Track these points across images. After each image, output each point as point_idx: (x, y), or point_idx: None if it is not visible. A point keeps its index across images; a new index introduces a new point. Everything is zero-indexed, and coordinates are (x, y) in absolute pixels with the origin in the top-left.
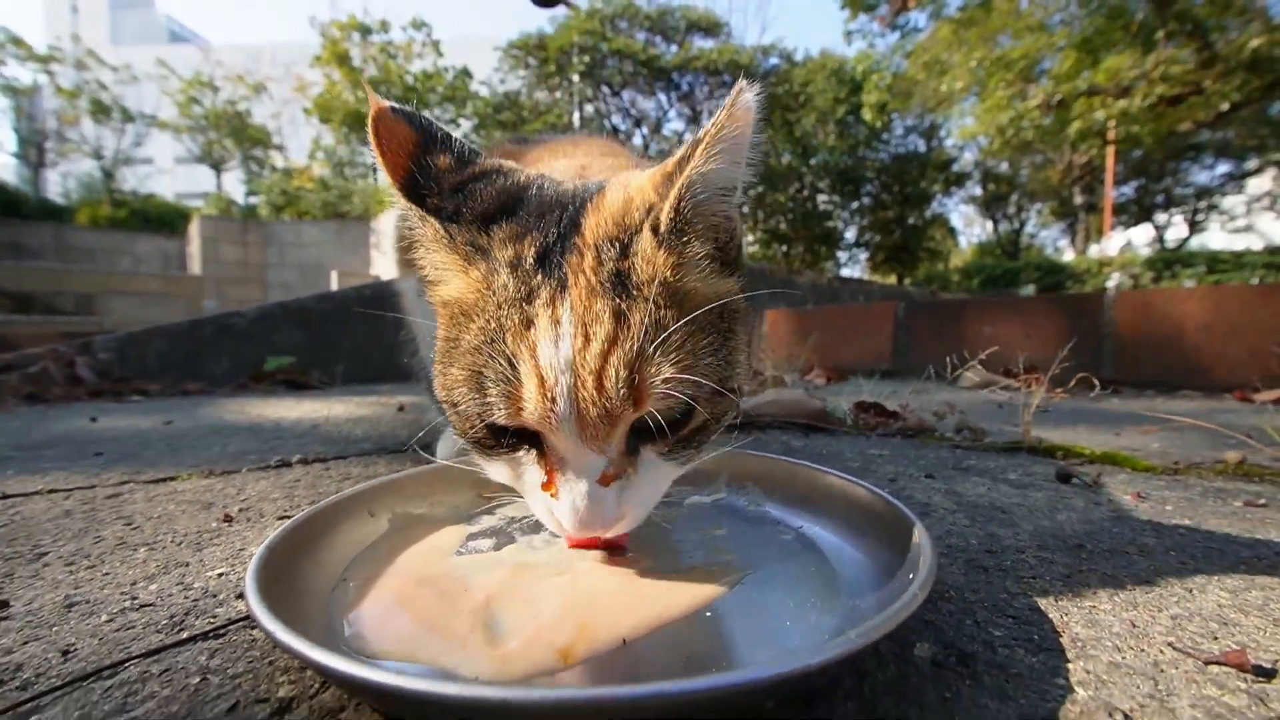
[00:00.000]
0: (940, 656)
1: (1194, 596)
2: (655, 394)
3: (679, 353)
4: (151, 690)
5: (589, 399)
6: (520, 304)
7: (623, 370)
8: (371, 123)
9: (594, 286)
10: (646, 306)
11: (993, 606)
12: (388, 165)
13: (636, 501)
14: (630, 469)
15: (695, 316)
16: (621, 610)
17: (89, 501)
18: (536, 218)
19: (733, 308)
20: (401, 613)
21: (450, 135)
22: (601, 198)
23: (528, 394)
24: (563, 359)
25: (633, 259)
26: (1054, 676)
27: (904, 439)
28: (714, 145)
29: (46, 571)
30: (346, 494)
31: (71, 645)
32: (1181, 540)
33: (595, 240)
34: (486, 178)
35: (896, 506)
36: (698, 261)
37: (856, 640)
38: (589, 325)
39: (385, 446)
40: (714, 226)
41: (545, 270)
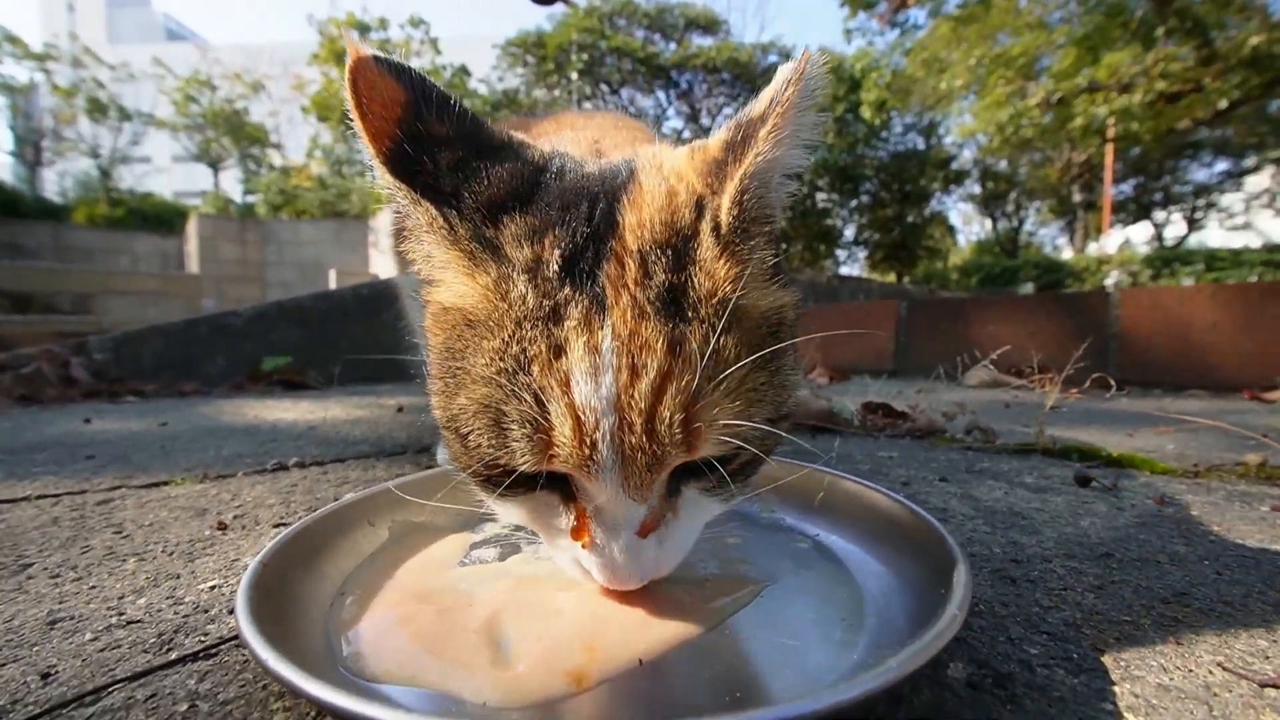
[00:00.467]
0: (976, 678)
1: (1235, 611)
2: (711, 440)
3: (740, 390)
4: (136, 718)
5: (636, 445)
6: (546, 325)
7: (678, 413)
8: (349, 75)
9: (641, 306)
10: (705, 332)
11: (1025, 622)
12: (369, 131)
13: (675, 549)
14: (670, 512)
15: (755, 339)
16: (634, 628)
17: (79, 508)
18: (559, 210)
19: (789, 320)
20: (402, 632)
21: (449, 96)
22: (638, 189)
23: (561, 439)
24: (604, 398)
25: (689, 270)
26: (1100, 700)
27: (913, 440)
28: (784, 126)
29: (30, 585)
30: (343, 502)
31: (53, 667)
32: (1213, 549)
33: (640, 245)
34: (495, 153)
35: (920, 515)
36: (761, 270)
37: (895, 670)
38: (636, 356)
39: (384, 449)
40: (773, 224)
41: (575, 282)
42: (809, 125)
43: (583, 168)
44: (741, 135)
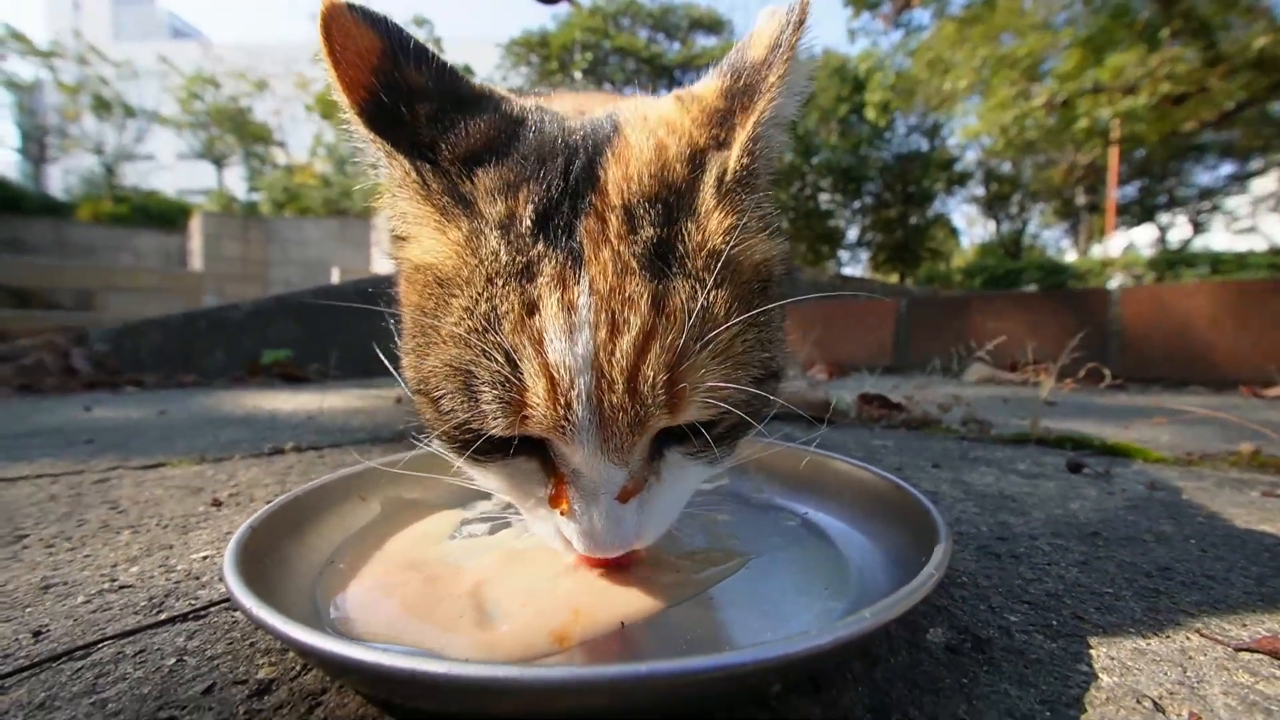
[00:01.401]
0: (954, 642)
1: (1217, 584)
2: (697, 402)
3: (728, 350)
4: (124, 671)
5: (616, 405)
6: (518, 281)
7: (662, 373)
8: (321, 23)
9: (624, 261)
10: (694, 287)
11: (1007, 592)
12: (343, 80)
13: (658, 516)
14: (653, 476)
15: (744, 294)
16: (619, 595)
17: (75, 486)
18: (535, 164)
19: (777, 275)
20: (389, 597)
21: (426, 47)
22: (623, 142)
23: (534, 399)
24: (580, 355)
25: (681, 223)
26: (1076, 663)
27: (908, 431)
28: (791, 68)
29: (25, 554)
30: (336, 476)
31: (44, 626)
32: (1200, 528)
33: (624, 200)
34: (473, 105)
35: (906, 489)
36: (759, 222)
37: (868, 620)
38: (618, 312)
39: (381, 436)
40: (770, 174)
41: (549, 237)
42: (806, 74)
43: (564, 122)
44: (744, 82)
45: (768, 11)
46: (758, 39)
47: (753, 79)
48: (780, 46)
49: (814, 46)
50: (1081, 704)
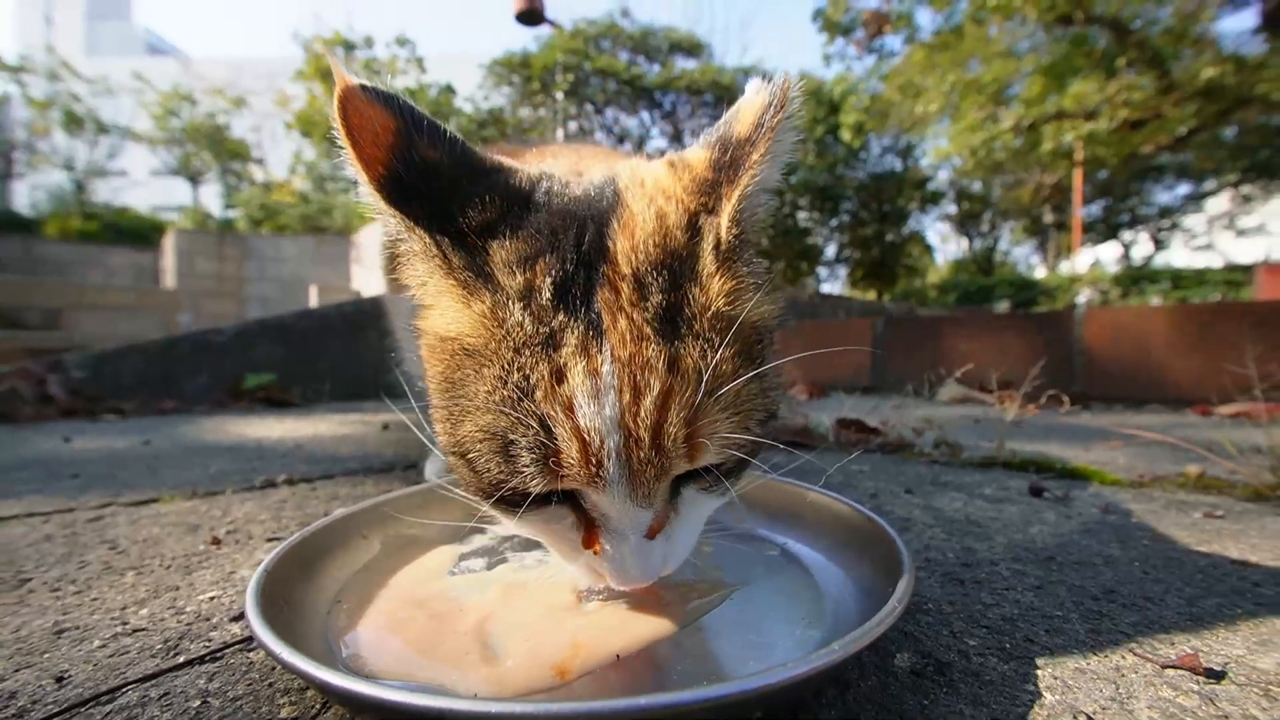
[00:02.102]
0: (919, 666)
1: (1153, 605)
2: (711, 451)
3: (736, 402)
4: (152, 714)
5: (643, 459)
6: (544, 351)
7: (682, 428)
8: (338, 105)
9: (639, 328)
10: (703, 348)
11: (968, 617)
12: (361, 159)
13: (680, 546)
14: (673, 512)
15: (746, 348)
16: (615, 627)
17: (69, 525)
18: (548, 236)
19: (772, 327)
20: (397, 635)
21: (438, 123)
22: (626, 211)
23: (569, 460)
24: (608, 418)
25: (685, 289)
26: (1024, 682)
27: (884, 455)
28: (772, 149)
29: (32, 598)
30: (338, 515)
31: (65, 672)
32: (1145, 551)
33: (634, 269)
34: (484, 178)
35: (877, 522)
36: (753, 283)
37: (838, 652)
38: (638, 376)
39: (371, 466)
40: (758, 236)
41: (569, 307)
42: (789, 146)
43: (568, 190)
44: (730, 157)
45: (754, 85)
46: (745, 113)
47: (738, 154)
48: (764, 126)
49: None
50: None
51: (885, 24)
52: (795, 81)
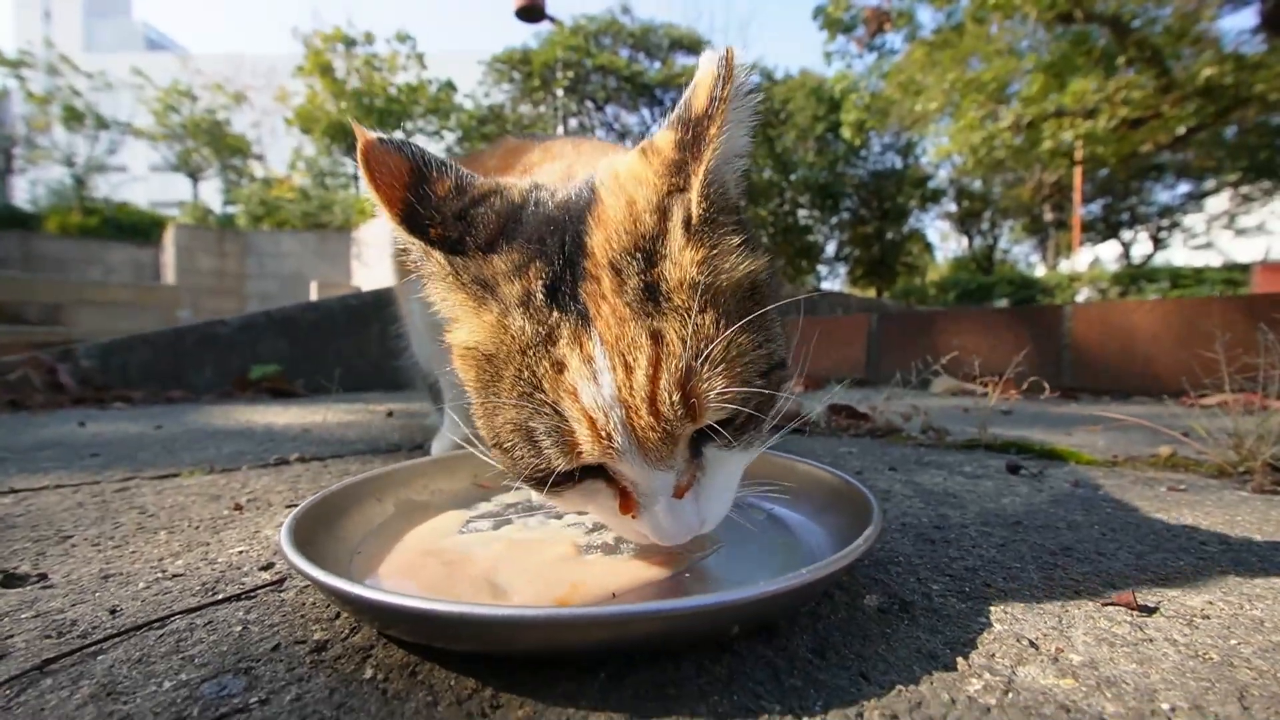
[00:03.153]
0: (885, 605)
1: (1105, 558)
2: (710, 408)
3: (726, 359)
4: (200, 636)
5: (646, 426)
6: (545, 348)
7: (675, 392)
8: (361, 157)
9: (620, 311)
10: (683, 317)
11: (935, 568)
12: (384, 199)
13: (715, 502)
14: (699, 471)
15: (731, 308)
16: (612, 571)
17: (99, 495)
18: (537, 244)
19: (763, 281)
20: (412, 578)
21: (445, 161)
22: (600, 206)
23: (582, 438)
24: (607, 395)
25: (660, 266)
26: (977, 616)
27: (873, 439)
28: (726, 116)
29: (76, 551)
30: (356, 479)
31: (117, 606)
32: (1106, 517)
33: (609, 258)
34: (486, 201)
35: (854, 485)
36: (729, 247)
37: (806, 575)
38: (626, 354)
39: (379, 448)
40: (734, 199)
41: (560, 305)
42: (747, 111)
43: (554, 197)
44: (692, 134)
45: (705, 59)
46: (700, 88)
47: (698, 130)
48: (715, 99)
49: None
50: (974, 643)
51: (886, 22)
52: (737, 51)
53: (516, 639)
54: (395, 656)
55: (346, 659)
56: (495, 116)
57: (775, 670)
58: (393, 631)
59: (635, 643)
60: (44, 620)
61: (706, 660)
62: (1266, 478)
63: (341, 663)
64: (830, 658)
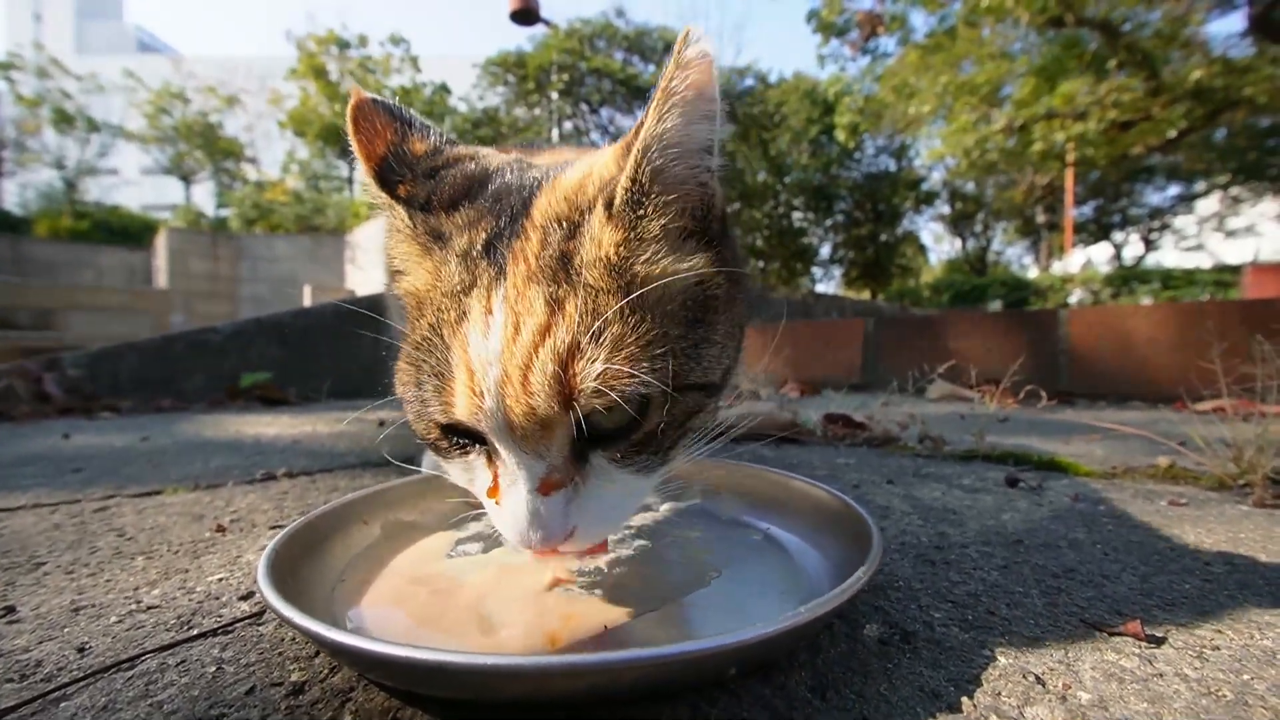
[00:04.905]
0: (886, 635)
1: (1109, 581)
2: (588, 390)
3: (619, 345)
4: (170, 679)
5: (515, 395)
6: (460, 295)
7: (551, 364)
8: (351, 111)
9: (532, 272)
10: (587, 293)
11: (936, 594)
12: (363, 152)
13: (590, 515)
14: (578, 477)
15: (647, 302)
16: (604, 602)
17: (77, 515)
18: (493, 202)
19: (708, 291)
20: (399, 609)
21: (430, 125)
22: (559, 177)
23: (458, 390)
24: (491, 351)
25: (580, 239)
26: (981, 648)
27: (870, 449)
28: (668, 99)
29: (48, 579)
30: (341, 501)
31: (85, 643)
32: (1107, 535)
33: (543, 221)
34: (459, 163)
35: (853, 507)
36: (657, 239)
37: (805, 614)
38: (520, 315)
39: (369, 461)
40: (684, 195)
41: (490, 258)
42: (708, 95)
43: (529, 171)
44: (639, 123)
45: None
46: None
47: (641, 120)
48: (662, 80)
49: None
50: (979, 680)
51: (879, 25)
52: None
53: (504, 688)
54: (376, 700)
55: (324, 704)
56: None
57: (774, 712)
58: (367, 674)
59: (629, 689)
60: (6, 661)
61: (703, 702)
62: (1267, 491)
63: (319, 708)
64: (830, 698)
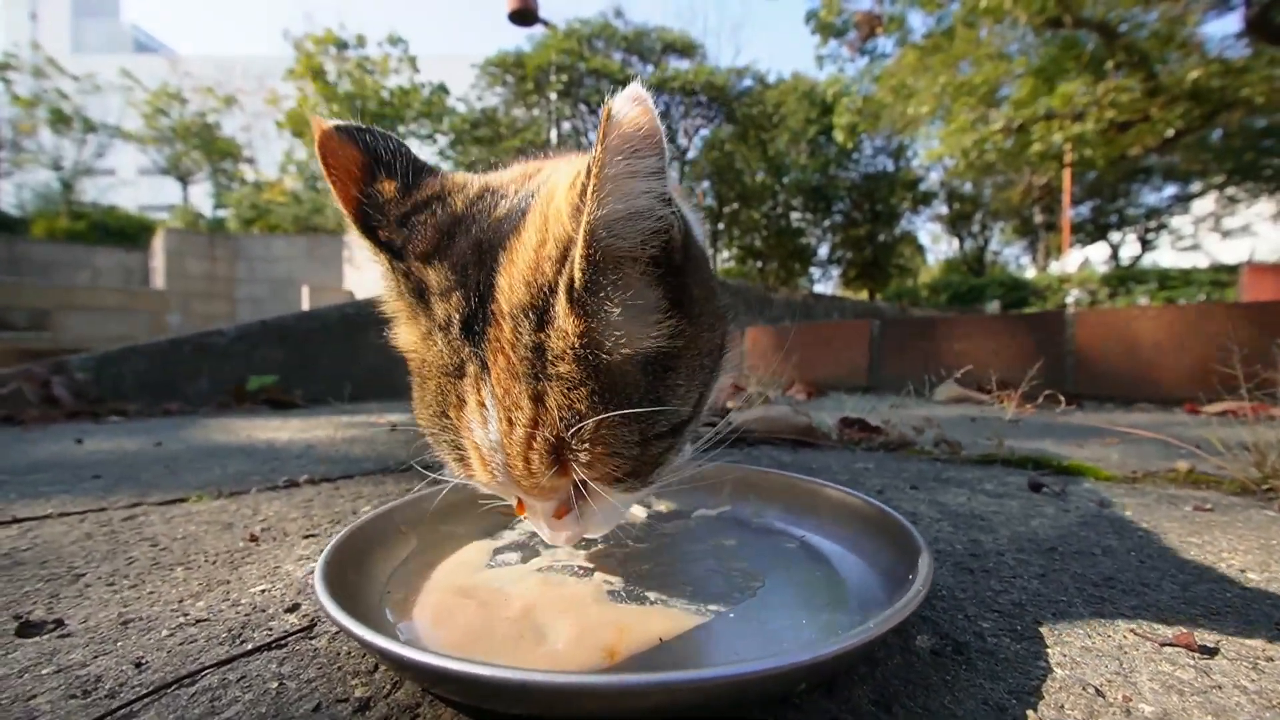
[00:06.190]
0: (938, 646)
1: (1149, 589)
2: (579, 466)
3: (598, 432)
4: (234, 695)
5: (521, 474)
6: (454, 379)
7: (546, 455)
8: (318, 147)
9: (512, 366)
10: (564, 388)
11: (980, 603)
12: (339, 195)
13: (598, 522)
14: (581, 501)
15: (618, 382)
16: (654, 613)
17: (106, 524)
18: (462, 271)
19: (674, 341)
20: (450, 621)
21: (399, 152)
22: (517, 239)
23: (475, 466)
24: (492, 440)
25: (547, 330)
26: (1036, 660)
27: (886, 453)
28: (603, 181)
29: (90, 591)
30: (379, 511)
31: (141, 658)
32: (1140, 542)
33: (509, 308)
34: (427, 208)
35: (890, 513)
36: (620, 318)
37: (873, 629)
38: (510, 411)
39: (388, 466)
40: (641, 254)
41: (470, 341)
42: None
43: (494, 213)
44: (582, 184)
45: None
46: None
47: (584, 184)
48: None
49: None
50: (1040, 692)
51: (877, 26)
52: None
53: (584, 706)
54: (444, 716)
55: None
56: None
57: None
58: (440, 691)
59: (701, 707)
60: (66, 676)
61: (770, 717)
62: None
63: None
64: (897, 712)
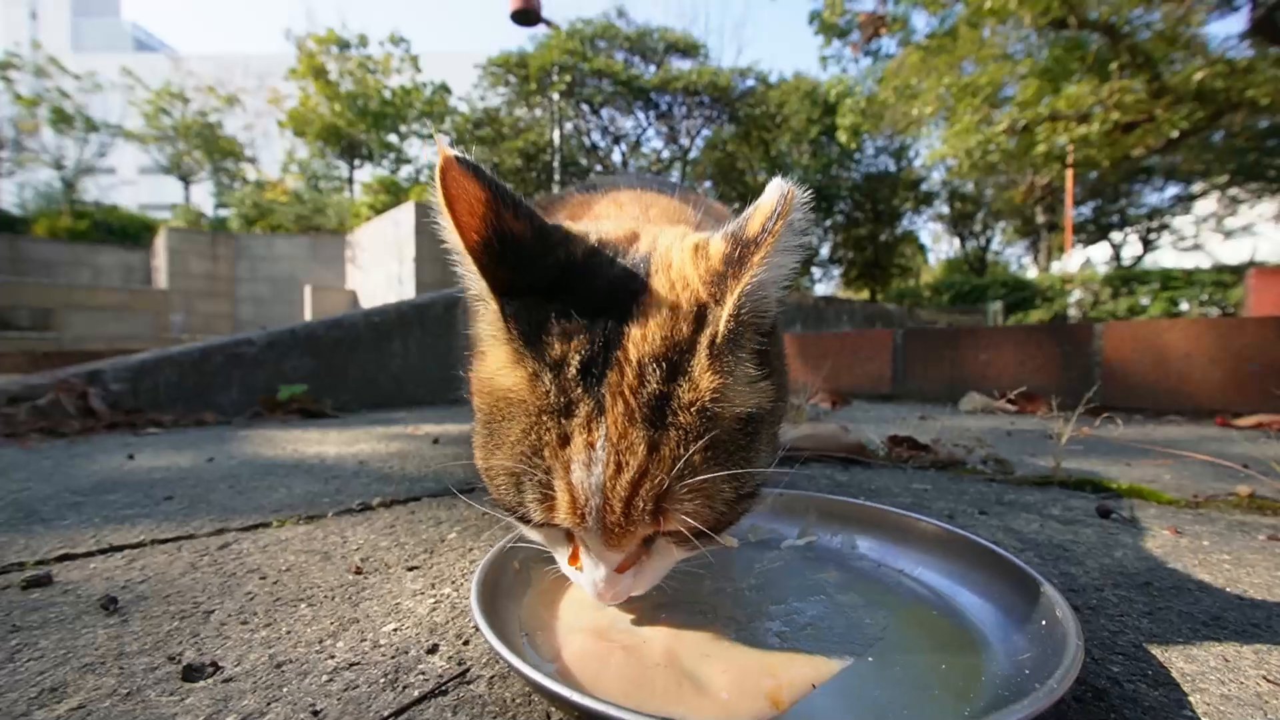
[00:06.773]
0: (1079, 693)
1: (1262, 632)
2: (675, 517)
3: (702, 488)
4: None
5: (615, 520)
6: (560, 418)
7: (649, 503)
8: (439, 175)
9: (631, 412)
10: (680, 439)
11: (1100, 644)
12: (458, 226)
13: (648, 579)
14: (645, 555)
15: (726, 442)
16: (796, 659)
17: (204, 553)
18: (587, 318)
19: (765, 409)
20: (604, 669)
21: (519, 197)
22: (648, 297)
23: (561, 506)
24: (594, 483)
25: (678, 381)
26: (1180, 709)
27: (937, 471)
28: (774, 252)
29: (228, 630)
30: (499, 548)
31: (313, 706)
32: (1230, 577)
33: (639, 356)
34: (553, 252)
35: (996, 550)
36: (743, 378)
37: (1058, 688)
38: (622, 454)
39: (450, 487)
40: (765, 320)
41: (587, 384)
42: (796, 241)
43: (614, 267)
44: (738, 254)
45: (772, 187)
46: (757, 214)
47: (744, 253)
48: (767, 231)
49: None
50: None
51: (881, 26)
52: (800, 193)
53: None
54: None
55: None
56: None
57: None
58: None
59: None
60: None
61: None
62: None
63: None
64: None
